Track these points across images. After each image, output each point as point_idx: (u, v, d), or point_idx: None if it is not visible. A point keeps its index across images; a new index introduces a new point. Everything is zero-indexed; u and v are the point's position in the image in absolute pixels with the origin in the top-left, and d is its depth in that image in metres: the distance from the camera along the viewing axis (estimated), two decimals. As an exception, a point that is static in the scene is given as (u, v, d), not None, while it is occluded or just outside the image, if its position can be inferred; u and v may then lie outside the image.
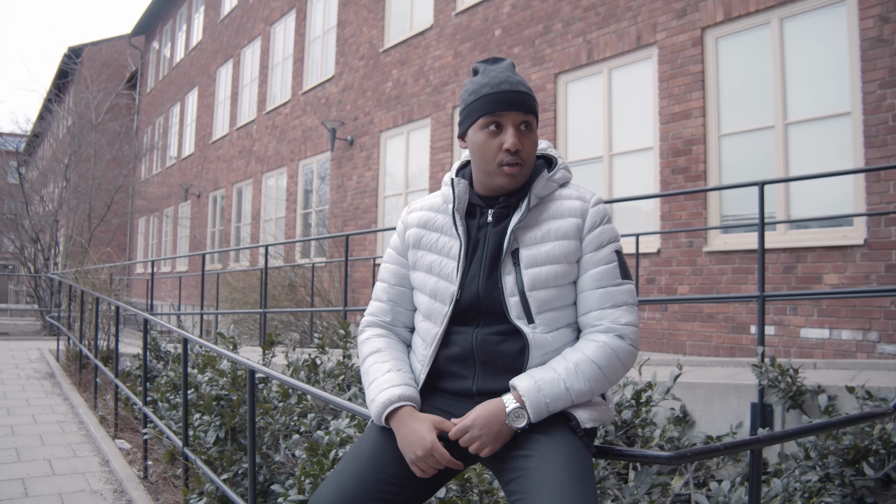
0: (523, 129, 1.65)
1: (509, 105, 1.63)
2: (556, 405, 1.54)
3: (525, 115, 1.65)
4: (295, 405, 3.76)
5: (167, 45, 24.87)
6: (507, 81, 1.65)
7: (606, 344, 1.58)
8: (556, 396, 1.53)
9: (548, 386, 1.53)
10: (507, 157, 1.64)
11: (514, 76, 1.67)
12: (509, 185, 1.67)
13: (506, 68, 1.69)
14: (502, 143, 1.64)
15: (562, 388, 1.54)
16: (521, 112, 1.64)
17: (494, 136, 1.65)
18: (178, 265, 20.79)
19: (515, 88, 1.64)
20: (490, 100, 1.65)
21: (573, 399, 1.55)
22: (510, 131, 1.64)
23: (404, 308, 1.82)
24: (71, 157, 16.91)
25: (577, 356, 1.58)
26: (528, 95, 1.66)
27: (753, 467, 1.69)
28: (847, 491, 2.80)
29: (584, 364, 1.56)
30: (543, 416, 1.53)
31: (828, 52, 6.02)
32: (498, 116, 1.64)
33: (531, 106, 1.66)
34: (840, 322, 5.67)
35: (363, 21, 12.59)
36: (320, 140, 13.57)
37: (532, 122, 1.67)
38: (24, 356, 9.83)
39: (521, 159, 1.64)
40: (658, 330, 6.99)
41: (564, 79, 8.40)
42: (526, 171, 1.67)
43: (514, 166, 1.64)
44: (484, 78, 1.68)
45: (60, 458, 5.10)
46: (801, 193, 6.13)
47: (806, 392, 3.54)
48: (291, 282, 11.16)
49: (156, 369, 6.28)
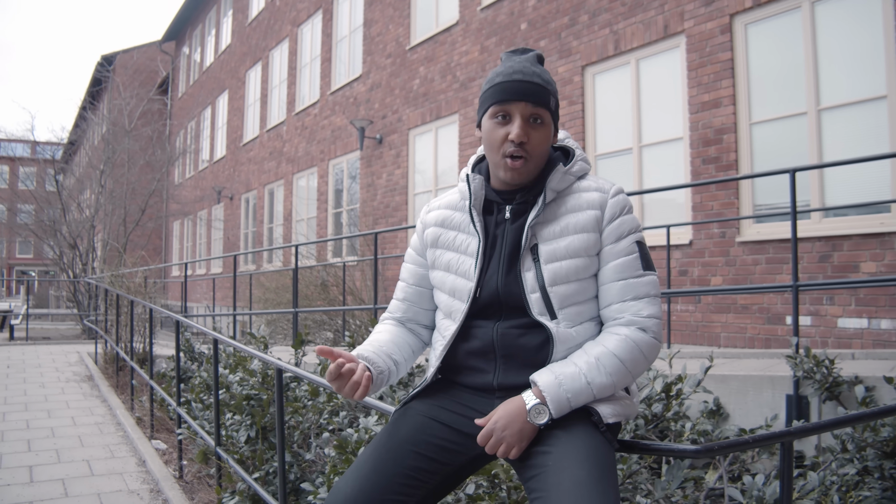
0: (533, 123, 1.61)
1: (518, 95, 1.59)
2: (577, 400, 1.51)
3: (535, 108, 1.60)
4: (325, 403, 3.78)
5: (197, 49, 25.18)
6: (521, 71, 1.61)
7: (628, 337, 1.55)
8: (577, 391, 1.50)
9: (569, 381, 1.50)
10: (511, 147, 1.60)
11: (532, 67, 1.62)
12: (512, 180, 1.64)
13: (527, 59, 1.64)
14: (508, 134, 1.60)
15: (583, 383, 1.51)
16: (530, 104, 1.59)
17: (502, 125, 1.62)
18: (213, 267, 21.04)
19: (527, 79, 1.60)
20: (500, 88, 1.61)
21: (595, 394, 1.52)
22: (517, 122, 1.60)
23: (421, 308, 1.82)
24: (106, 163, 17.23)
25: (598, 350, 1.55)
26: (540, 87, 1.60)
27: (784, 460, 1.64)
28: (887, 484, 2.72)
29: (606, 358, 1.53)
30: (565, 411, 1.50)
31: (861, 34, 5.88)
32: (506, 106, 1.61)
33: (543, 98, 1.60)
34: (879, 311, 5.54)
35: (389, 19, 12.61)
36: (349, 139, 13.63)
37: (544, 117, 1.62)
38: (64, 359, 10.04)
39: (525, 153, 1.60)
40: (692, 322, 6.90)
41: (592, 71, 8.32)
42: (531, 167, 1.63)
43: (518, 159, 1.61)
44: (501, 67, 1.65)
45: (99, 459, 5.19)
46: (835, 180, 6.00)
47: (843, 383, 3.46)
48: (324, 281, 11.22)
49: (190, 370, 6.36)
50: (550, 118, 1.64)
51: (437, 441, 1.61)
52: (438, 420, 1.64)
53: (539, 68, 1.63)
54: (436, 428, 1.63)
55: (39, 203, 18.99)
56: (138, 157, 18.53)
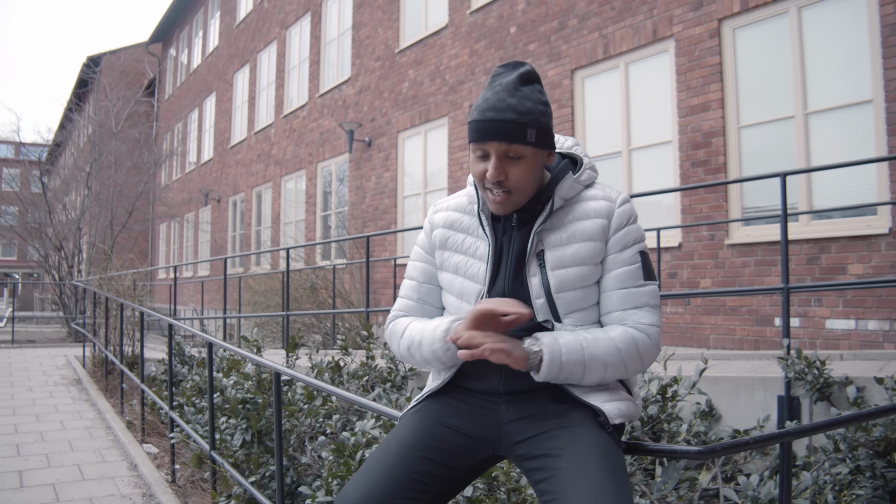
0: (510, 158, 1.58)
1: (490, 135, 1.56)
2: (569, 360, 1.53)
3: (509, 146, 1.56)
4: (320, 407, 3.78)
5: (184, 51, 25.07)
6: (494, 108, 1.55)
7: (629, 332, 1.59)
8: (570, 350, 1.53)
9: (565, 339, 1.55)
10: (490, 185, 1.61)
11: (508, 98, 1.55)
12: (497, 212, 1.66)
13: (505, 87, 1.57)
14: (486, 170, 1.60)
15: (578, 346, 1.54)
16: (503, 143, 1.56)
17: (481, 161, 1.62)
18: (200, 270, 20.95)
19: (499, 117, 1.55)
20: (474, 128, 1.59)
21: (585, 362, 1.54)
22: (493, 161, 1.58)
23: (433, 306, 1.82)
24: (92, 165, 17.12)
25: (598, 333, 1.60)
26: (513, 124, 1.54)
27: (784, 460, 1.67)
28: (878, 483, 2.76)
29: (604, 340, 1.57)
30: (556, 365, 1.52)
31: (848, 39, 5.95)
32: (481, 145, 1.59)
33: (517, 135, 1.55)
34: (866, 312, 5.61)
35: (378, 22, 12.62)
36: (338, 142, 13.62)
37: (521, 151, 1.57)
38: (51, 363, 9.97)
39: (508, 188, 1.60)
40: (681, 324, 6.95)
41: (581, 74, 8.37)
42: (516, 198, 1.63)
43: (500, 195, 1.61)
44: (481, 99, 1.59)
45: (89, 464, 5.16)
46: (823, 184, 6.06)
47: (833, 384, 3.50)
48: (313, 284, 11.21)
49: (181, 374, 6.33)
50: (531, 150, 1.59)
51: (444, 445, 1.62)
52: (445, 424, 1.65)
53: (518, 97, 1.56)
54: (443, 432, 1.64)
55: (24, 204, 18.85)
56: (125, 159, 18.42)
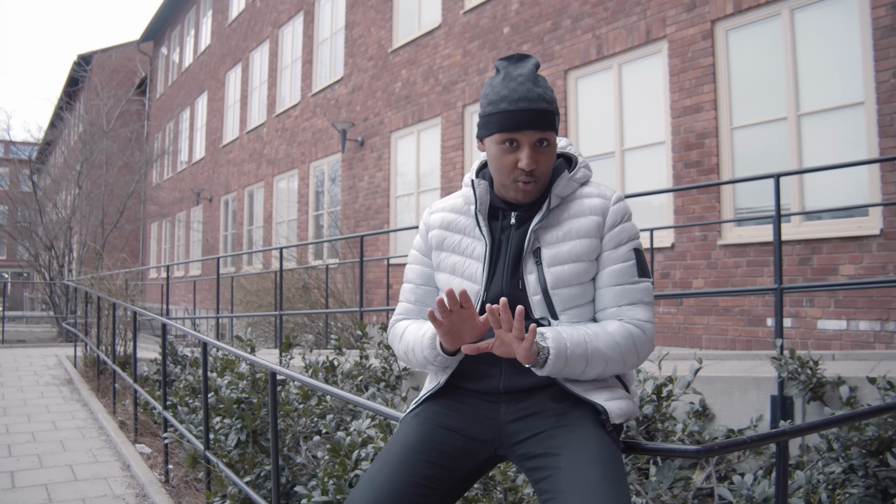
0: (539, 146, 1.63)
1: (526, 125, 1.60)
2: (574, 353, 1.53)
3: (543, 133, 1.61)
4: (315, 407, 3.78)
5: (176, 50, 24.99)
6: (526, 98, 1.59)
7: (626, 327, 1.61)
8: (576, 343, 1.54)
9: (568, 332, 1.56)
10: (522, 175, 1.63)
11: (536, 88, 1.61)
12: (523, 200, 1.68)
13: (528, 77, 1.62)
14: (517, 161, 1.62)
15: (581, 340, 1.55)
16: (538, 131, 1.60)
17: (510, 152, 1.63)
18: (192, 269, 20.89)
19: (534, 107, 1.59)
20: (506, 118, 1.61)
21: (588, 356, 1.55)
22: (526, 151, 1.61)
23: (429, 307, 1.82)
24: (83, 164, 17.04)
25: (597, 327, 1.61)
26: (546, 113, 1.61)
27: (780, 459, 1.68)
28: (870, 482, 2.78)
29: (604, 334, 1.58)
30: (561, 358, 1.52)
31: (840, 41, 5.99)
32: (514, 135, 1.61)
33: (550, 122, 1.61)
34: (857, 313, 5.64)
35: (371, 22, 12.61)
36: (331, 141, 13.60)
37: (550, 138, 1.63)
38: (42, 363, 9.92)
39: (535, 177, 1.64)
40: (674, 324, 6.98)
41: (574, 75, 8.39)
42: (541, 185, 1.66)
43: (528, 184, 1.64)
44: (504, 89, 1.61)
45: (82, 464, 5.14)
46: (815, 185, 6.10)
47: (826, 384, 3.52)
48: (305, 283, 11.19)
49: (173, 373, 6.32)
50: (554, 135, 1.65)
51: (446, 448, 1.63)
52: (447, 427, 1.66)
53: (542, 87, 1.62)
54: (445, 435, 1.65)
55: (14, 203, 18.75)
56: (116, 158, 18.34)
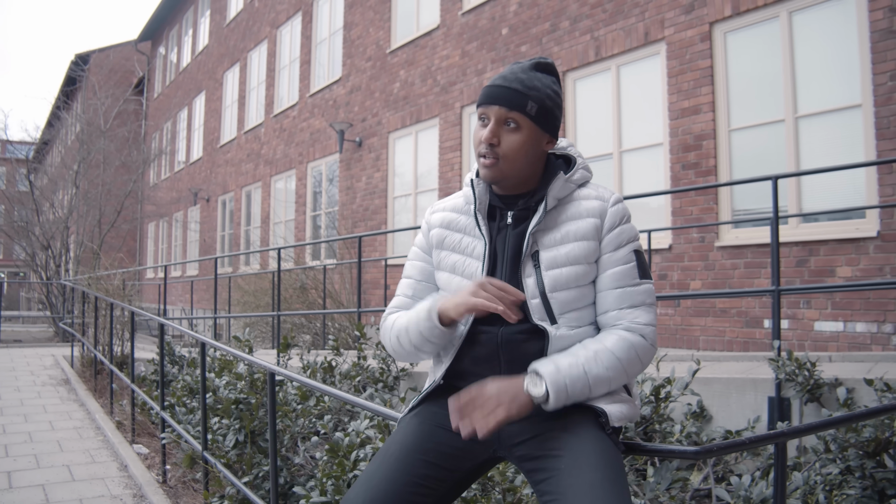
0: (506, 126, 1.65)
1: (492, 99, 1.64)
2: (574, 388, 1.52)
3: (509, 112, 1.63)
4: (313, 407, 3.78)
5: (174, 49, 24.96)
6: (504, 77, 1.65)
7: (626, 338, 1.59)
8: (574, 378, 1.52)
9: (567, 367, 1.53)
10: (483, 148, 1.65)
11: (520, 73, 1.65)
12: (485, 179, 1.69)
13: (521, 67, 1.67)
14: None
15: (580, 371, 1.53)
16: (504, 108, 1.63)
17: (482, 127, 1.67)
18: (189, 269, 20.87)
19: (505, 84, 1.64)
20: (482, 93, 1.67)
21: (591, 385, 1.54)
22: (491, 125, 1.64)
23: None
24: (80, 163, 17.02)
25: (596, 346, 1.58)
26: (516, 92, 1.63)
27: (779, 461, 1.69)
28: (867, 483, 2.79)
29: (604, 353, 1.56)
30: (562, 397, 1.52)
31: (837, 44, 6.00)
32: (485, 109, 1.66)
33: (517, 102, 1.63)
34: (854, 315, 5.66)
35: (369, 22, 12.61)
36: (328, 142, 13.60)
37: (518, 121, 1.63)
38: (39, 363, 9.90)
39: (496, 155, 1.65)
40: (671, 325, 6.99)
41: (573, 76, 8.40)
42: (504, 167, 1.66)
43: (487, 159, 1.65)
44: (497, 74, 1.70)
45: (79, 464, 5.13)
46: (812, 187, 6.11)
47: (823, 385, 3.53)
48: (303, 284, 11.18)
49: (171, 374, 6.31)
50: (530, 123, 1.64)
51: (444, 448, 1.63)
52: (445, 427, 1.65)
53: (528, 74, 1.65)
54: (442, 435, 1.65)
55: (11, 203, 18.71)
56: (113, 157, 18.31)
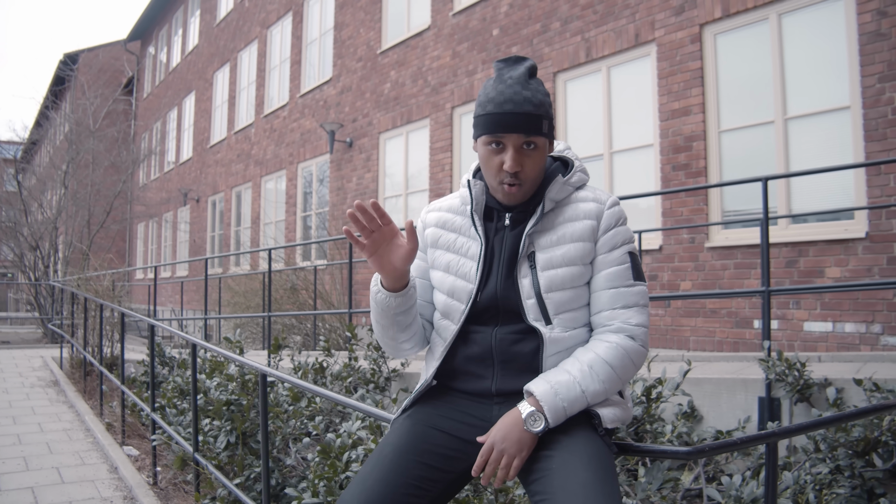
0: (526, 149, 1.64)
1: (510, 128, 1.61)
2: (573, 408, 1.55)
3: (528, 137, 1.62)
4: (304, 408, 3.78)
5: (163, 49, 24.85)
6: (512, 101, 1.61)
7: (618, 344, 1.60)
8: (572, 400, 1.54)
9: (564, 389, 1.54)
10: (507, 177, 1.64)
11: (523, 91, 1.62)
12: (509, 203, 1.69)
13: (517, 80, 1.63)
14: (502, 163, 1.64)
15: (578, 392, 1.55)
16: (522, 134, 1.61)
17: (496, 153, 1.65)
18: (179, 270, 20.78)
19: (519, 109, 1.60)
20: (491, 120, 1.63)
21: (588, 401, 1.56)
22: (510, 153, 1.62)
23: (425, 300, 1.83)
24: (69, 163, 16.92)
25: (590, 357, 1.59)
26: (531, 116, 1.61)
27: (770, 460, 1.70)
28: (857, 482, 2.81)
29: (598, 365, 1.57)
30: (562, 419, 1.54)
31: (826, 46, 6.04)
32: (498, 136, 1.63)
33: (535, 126, 1.62)
34: (843, 315, 5.69)
35: (360, 23, 12.60)
36: (319, 142, 13.58)
37: (537, 142, 1.63)
38: (27, 364, 9.83)
39: (520, 180, 1.64)
40: (661, 326, 7.01)
41: (563, 77, 8.42)
42: (527, 189, 1.67)
43: (513, 186, 1.65)
44: (493, 91, 1.63)
45: (69, 466, 5.10)
46: (801, 188, 6.15)
47: (813, 385, 3.56)
48: (293, 284, 11.15)
49: (161, 375, 6.29)
50: (543, 141, 1.65)
51: (438, 450, 1.64)
52: (438, 428, 1.66)
53: (531, 90, 1.63)
54: (436, 436, 1.65)
55: (-1, 202, 18.59)
56: (103, 157, 18.22)
